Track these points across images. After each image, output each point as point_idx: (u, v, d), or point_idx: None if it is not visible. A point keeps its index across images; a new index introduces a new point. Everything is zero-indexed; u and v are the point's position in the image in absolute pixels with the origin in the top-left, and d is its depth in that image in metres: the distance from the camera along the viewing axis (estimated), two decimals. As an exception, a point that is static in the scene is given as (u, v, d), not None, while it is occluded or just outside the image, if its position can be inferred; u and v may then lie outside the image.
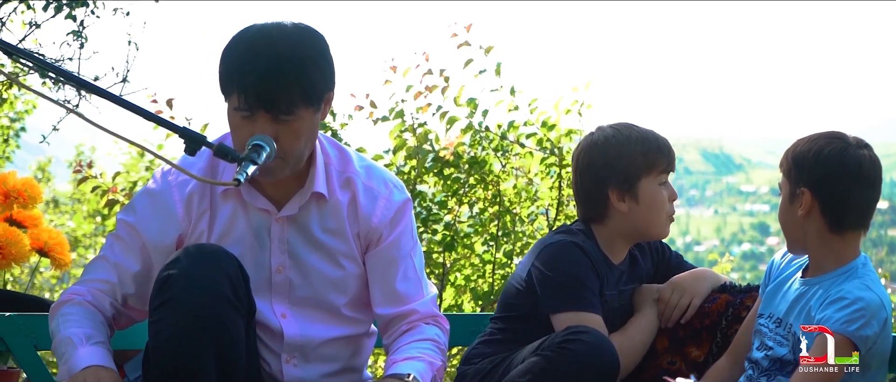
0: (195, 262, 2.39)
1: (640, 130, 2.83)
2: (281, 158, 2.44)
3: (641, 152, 2.79)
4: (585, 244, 2.77)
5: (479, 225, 5.25)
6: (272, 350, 2.63)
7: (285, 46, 2.40)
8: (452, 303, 5.45)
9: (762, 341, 2.63)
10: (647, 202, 2.79)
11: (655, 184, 2.79)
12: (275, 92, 2.38)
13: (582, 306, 2.69)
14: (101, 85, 3.68)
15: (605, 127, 2.87)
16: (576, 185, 2.88)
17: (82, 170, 5.25)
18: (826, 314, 2.48)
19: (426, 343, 2.61)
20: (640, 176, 2.78)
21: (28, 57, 2.52)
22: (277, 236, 2.60)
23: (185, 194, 2.58)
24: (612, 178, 2.79)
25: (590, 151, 2.84)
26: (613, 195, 2.79)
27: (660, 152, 2.80)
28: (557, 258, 2.75)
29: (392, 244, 2.65)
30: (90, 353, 2.45)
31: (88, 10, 4.25)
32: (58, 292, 9.33)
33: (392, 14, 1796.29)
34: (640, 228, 2.82)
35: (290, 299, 2.63)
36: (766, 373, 2.59)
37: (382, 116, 5.22)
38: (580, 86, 5.30)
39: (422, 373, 2.50)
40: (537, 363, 2.50)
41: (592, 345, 2.49)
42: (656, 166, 2.79)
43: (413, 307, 2.66)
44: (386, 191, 2.65)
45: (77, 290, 2.60)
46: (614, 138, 2.81)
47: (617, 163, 2.79)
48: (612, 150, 2.80)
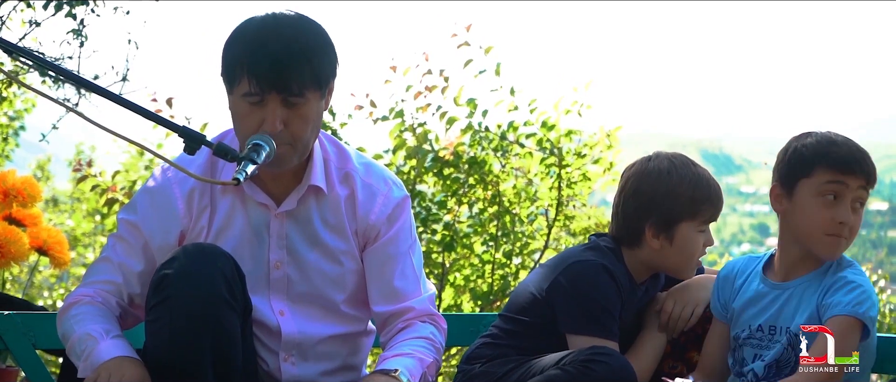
0: (191, 261, 2.39)
1: (695, 172, 2.73)
2: (290, 144, 2.45)
3: (690, 197, 2.69)
4: (615, 267, 2.70)
5: (478, 225, 5.26)
6: (270, 349, 2.63)
7: (293, 32, 2.44)
8: (452, 303, 5.45)
9: (749, 353, 2.61)
10: (680, 246, 2.71)
11: (695, 231, 2.71)
12: (287, 73, 2.39)
13: (602, 333, 2.64)
14: (100, 84, 3.68)
15: (662, 157, 2.77)
16: (617, 205, 2.79)
17: (82, 169, 5.25)
18: (835, 299, 2.48)
19: (420, 340, 2.60)
20: (683, 220, 2.70)
21: (28, 55, 2.52)
22: (276, 232, 2.60)
23: (185, 191, 2.59)
24: (654, 214, 2.70)
25: (640, 178, 2.74)
26: (649, 231, 2.70)
27: (708, 202, 2.71)
28: (586, 279, 2.68)
29: (390, 241, 2.64)
30: (113, 345, 2.44)
31: (88, 9, 4.25)
32: (57, 290, 9.32)
33: (392, 14, 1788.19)
34: (667, 267, 2.77)
35: (289, 295, 2.63)
36: (765, 380, 2.58)
37: (382, 115, 5.23)
38: (580, 86, 5.31)
39: (411, 369, 2.49)
40: (558, 376, 2.48)
41: (616, 370, 2.47)
42: (701, 214, 2.71)
43: (410, 304, 2.65)
44: (385, 188, 2.65)
45: (84, 292, 2.60)
46: (668, 175, 2.71)
47: (664, 201, 2.69)
48: (663, 186, 2.70)
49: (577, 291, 2.68)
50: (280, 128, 2.42)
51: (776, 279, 2.63)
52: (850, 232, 2.52)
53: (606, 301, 2.66)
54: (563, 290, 2.68)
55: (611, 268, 2.68)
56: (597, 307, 2.66)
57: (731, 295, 2.68)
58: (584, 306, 2.66)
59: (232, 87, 2.46)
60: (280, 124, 2.42)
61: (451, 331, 2.80)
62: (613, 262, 2.71)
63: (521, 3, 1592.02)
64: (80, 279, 2.73)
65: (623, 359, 2.52)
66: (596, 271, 2.68)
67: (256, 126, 2.43)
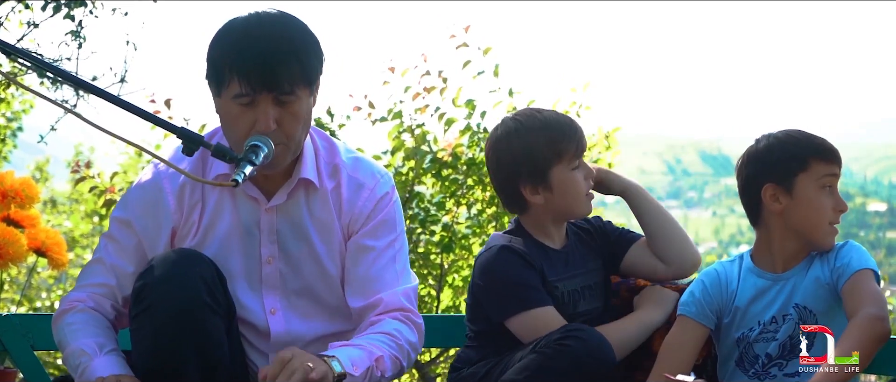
0: (169, 267, 2.38)
1: (543, 117, 2.74)
2: (284, 144, 2.43)
3: (546, 142, 2.70)
4: (513, 242, 2.73)
5: (476, 226, 5.25)
6: (259, 351, 2.62)
7: (279, 30, 2.42)
8: (450, 304, 5.45)
9: (761, 348, 2.63)
10: (561, 190, 2.72)
11: (567, 171, 2.72)
12: (277, 71, 2.38)
13: (528, 304, 2.66)
14: (99, 85, 3.68)
15: (508, 119, 2.78)
16: (493, 183, 2.84)
17: (80, 170, 5.25)
18: (844, 262, 2.56)
19: (379, 335, 2.50)
20: (551, 167, 2.71)
21: (26, 56, 2.51)
22: (267, 227, 2.59)
23: (176, 187, 2.58)
24: (522, 174, 2.72)
25: (496, 148, 2.77)
26: (527, 191, 2.73)
27: (566, 139, 2.71)
28: (489, 268, 2.71)
29: (368, 233, 2.61)
30: (107, 363, 2.43)
31: (87, 10, 4.25)
32: (55, 292, 9.32)
33: (391, 15, 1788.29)
34: (561, 213, 2.77)
35: (282, 291, 2.62)
36: (777, 362, 2.60)
37: (381, 116, 5.22)
38: (579, 87, 5.31)
39: (353, 359, 2.37)
40: (535, 359, 2.48)
41: (591, 345, 2.46)
42: (565, 153, 2.72)
43: (380, 296, 2.57)
44: (371, 182, 2.63)
45: (77, 297, 2.59)
46: (516, 132, 2.72)
47: (525, 158, 2.71)
48: (516, 144, 2.72)
49: (488, 281, 2.71)
50: (274, 128, 2.40)
51: (775, 271, 2.66)
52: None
53: (516, 276, 2.68)
54: (479, 288, 2.73)
55: (508, 245, 2.72)
56: (510, 285, 2.68)
57: (729, 299, 2.70)
58: (499, 291, 2.69)
59: (220, 89, 2.43)
60: (273, 124, 2.40)
61: (448, 333, 2.80)
62: (512, 239, 2.74)
63: (519, 4, 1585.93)
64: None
65: (597, 333, 2.51)
66: (494, 255, 2.71)
67: (249, 127, 2.41)
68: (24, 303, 8.72)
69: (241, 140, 2.41)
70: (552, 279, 2.73)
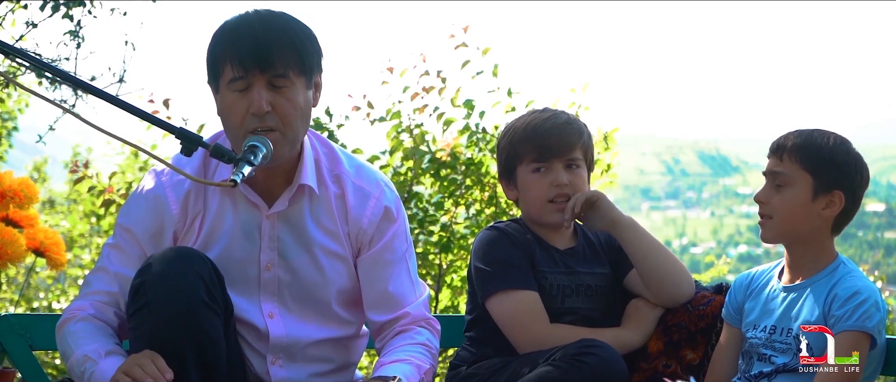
0: (167, 266, 2.39)
1: (523, 120, 2.86)
2: (280, 132, 2.44)
3: (509, 143, 2.85)
4: (509, 227, 2.82)
5: (475, 227, 5.24)
6: (257, 351, 2.62)
7: (274, 18, 2.46)
8: (448, 304, 5.45)
9: (758, 353, 2.62)
10: (524, 189, 2.83)
11: (528, 173, 2.81)
12: (269, 51, 2.41)
13: (511, 284, 2.71)
14: (97, 85, 3.68)
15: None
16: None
17: (78, 170, 5.24)
18: (845, 311, 2.49)
19: (417, 346, 2.60)
20: (516, 166, 2.84)
21: (24, 56, 2.51)
22: (267, 234, 2.59)
23: (181, 195, 2.58)
24: (500, 170, 2.90)
25: (497, 144, 2.94)
26: (506, 188, 2.88)
27: (525, 141, 2.81)
28: (480, 248, 2.80)
29: (385, 247, 2.64)
30: (113, 364, 2.43)
31: (85, 10, 4.25)
32: (53, 292, 9.31)
33: (390, 15, 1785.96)
34: (526, 214, 2.86)
35: (280, 297, 2.62)
36: (768, 377, 2.59)
37: (379, 116, 5.22)
38: (577, 87, 5.30)
39: (408, 376, 2.48)
40: (549, 372, 2.48)
41: (607, 361, 2.47)
42: (526, 155, 2.81)
43: (406, 310, 2.65)
44: (377, 191, 2.65)
45: (80, 305, 2.59)
46: (507, 127, 2.90)
47: (500, 155, 2.89)
48: (499, 143, 2.90)
49: (478, 260, 2.78)
50: (267, 109, 2.41)
51: (786, 281, 2.66)
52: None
53: (503, 255, 2.74)
54: (473, 269, 2.80)
55: (500, 227, 2.81)
56: (493, 262, 2.74)
57: (744, 298, 2.71)
58: (484, 269, 2.75)
59: (218, 81, 2.47)
60: (267, 106, 2.41)
61: (446, 333, 2.80)
62: (508, 224, 2.83)
63: (518, 4, 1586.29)
64: (77, 280, 2.73)
65: (613, 350, 2.52)
66: (484, 236, 2.81)
67: (244, 113, 2.42)
68: (22, 303, 8.71)
69: (239, 128, 2.42)
70: (543, 269, 2.75)
